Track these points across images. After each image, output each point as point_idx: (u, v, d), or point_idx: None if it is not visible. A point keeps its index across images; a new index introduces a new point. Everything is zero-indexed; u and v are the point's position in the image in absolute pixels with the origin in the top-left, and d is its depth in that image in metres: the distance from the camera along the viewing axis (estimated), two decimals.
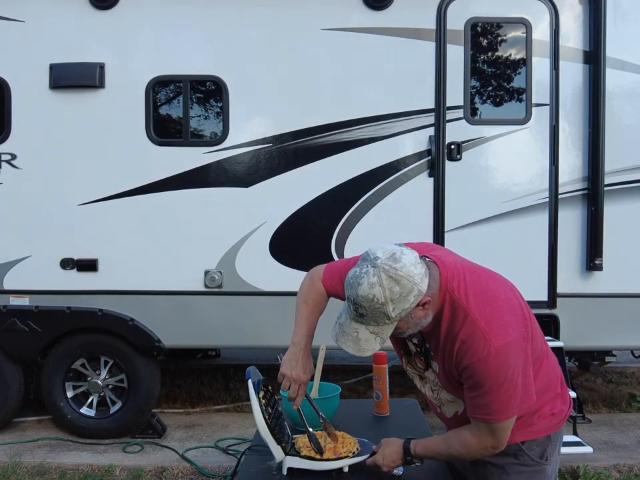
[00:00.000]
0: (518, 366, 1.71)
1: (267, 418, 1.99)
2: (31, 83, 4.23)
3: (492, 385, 1.70)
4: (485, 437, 1.79)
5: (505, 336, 1.69)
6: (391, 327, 1.70)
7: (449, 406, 1.97)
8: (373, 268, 1.64)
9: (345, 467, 1.98)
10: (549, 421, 1.91)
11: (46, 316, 4.26)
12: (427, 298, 1.70)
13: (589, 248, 4.14)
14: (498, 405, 1.72)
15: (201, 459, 4.06)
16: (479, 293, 1.76)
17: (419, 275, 1.66)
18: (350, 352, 1.73)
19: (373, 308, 1.64)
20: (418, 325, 1.75)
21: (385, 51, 4.17)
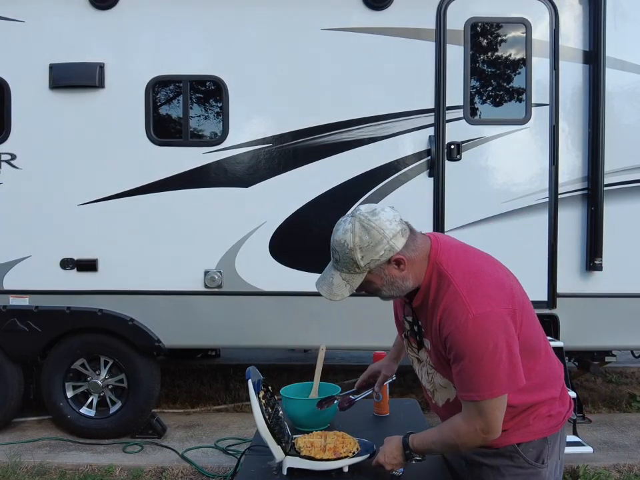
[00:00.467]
0: (499, 339, 1.68)
1: (266, 418, 1.99)
2: (30, 83, 4.23)
3: (471, 355, 1.68)
4: (474, 418, 1.74)
5: (484, 305, 1.69)
6: (360, 277, 1.77)
7: (442, 392, 1.95)
8: (351, 217, 1.77)
9: (345, 467, 1.98)
10: (546, 422, 1.88)
11: (46, 316, 4.26)
12: (401, 256, 1.75)
13: (589, 248, 4.14)
14: (481, 379, 1.69)
15: (200, 459, 4.06)
16: (466, 266, 1.80)
17: (391, 230, 1.74)
18: (323, 294, 1.82)
19: (344, 253, 1.74)
20: (393, 285, 1.79)
21: (385, 51, 4.17)
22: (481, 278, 1.77)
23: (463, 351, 1.69)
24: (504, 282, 1.80)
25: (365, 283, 1.80)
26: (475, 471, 1.95)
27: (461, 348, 1.69)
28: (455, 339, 1.70)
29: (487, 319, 1.68)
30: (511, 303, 1.75)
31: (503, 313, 1.71)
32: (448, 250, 1.83)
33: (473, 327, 1.67)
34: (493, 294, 1.73)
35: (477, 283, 1.74)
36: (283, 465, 2.00)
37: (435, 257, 1.80)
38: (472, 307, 1.69)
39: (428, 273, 1.80)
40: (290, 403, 2.44)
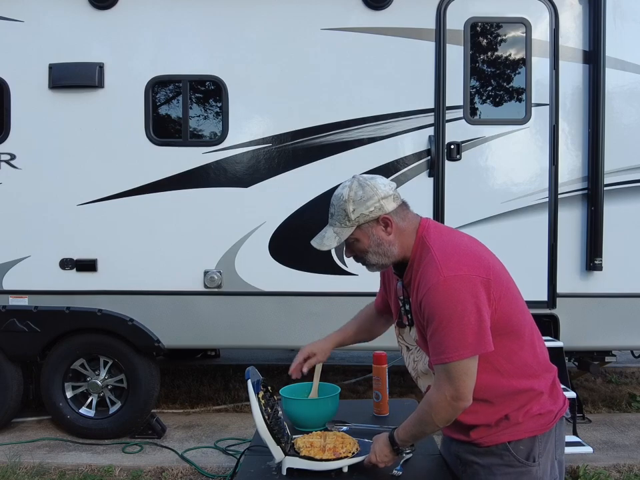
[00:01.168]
0: (468, 301, 1.72)
1: (266, 418, 1.98)
2: (30, 83, 4.23)
3: (441, 316, 1.73)
4: (443, 384, 1.76)
5: (456, 269, 1.76)
6: (349, 230, 1.87)
7: (424, 379, 1.99)
8: (353, 177, 1.92)
9: (345, 467, 1.97)
10: (535, 421, 1.88)
11: (45, 316, 4.26)
12: (389, 217, 1.86)
13: (589, 248, 4.14)
14: (449, 340, 1.73)
15: (200, 460, 4.06)
16: (447, 239, 1.89)
17: (384, 191, 1.87)
18: (314, 245, 1.92)
19: (338, 206, 1.87)
20: (380, 246, 1.87)
21: (385, 51, 4.17)
22: (458, 247, 1.86)
23: (434, 311, 1.75)
24: (482, 255, 1.87)
25: (354, 240, 1.89)
26: (467, 470, 1.97)
27: (432, 309, 1.75)
28: (427, 300, 1.77)
29: (457, 281, 1.74)
30: (485, 272, 1.79)
31: (475, 279, 1.76)
32: (435, 227, 1.93)
33: (443, 288, 1.74)
34: (467, 261, 1.80)
35: (453, 251, 1.82)
36: (282, 465, 1.99)
37: (422, 232, 1.90)
38: (444, 270, 1.76)
39: (415, 247, 1.89)
40: (290, 403, 2.43)
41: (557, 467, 1.95)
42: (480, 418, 1.86)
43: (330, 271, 4.19)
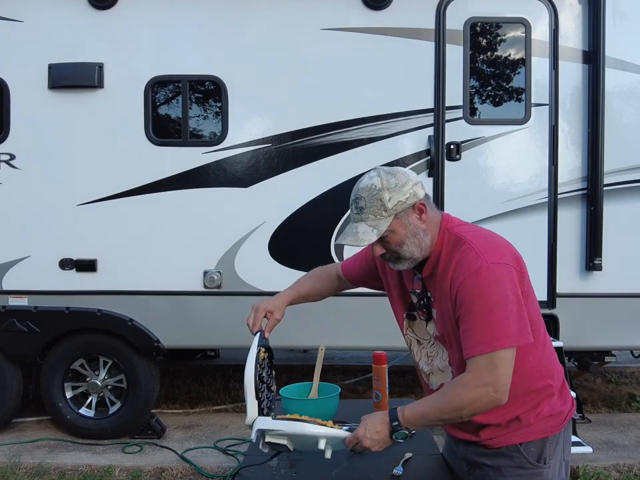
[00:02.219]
0: (510, 291, 1.69)
1: (257, 371, 1.90)
2: (29, 83, 4.22)
3: (483, 303, 1.68)
4: (483, 371, 1.66)
5: (498, 257, 1.74)
6: (387, 221, 1.77)
7: (438, 375, 1.93)
8: (374, 169, 1.85)
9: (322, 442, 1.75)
10: (546, 422, 1.85)
11: (45, 316, 4.26)
12: (423, 203, 1.81)
13: (588, 248, 4.14)
14: (493, 328, 1.66)
15: (200, 460, 4.06)
16: (477, 230, 1.88)
17: (413, 177, 1.83)
18: (348, 243, 1.80)
19: (371, 196, 1.77)
20: (416, 236, 1.80)
21: (384, 51, 4.17)
22: (491, 239, 1.83)
23: (475, 299, 1.69)
24: (513, 250, 1.85)
25: (389, 232, 1.78)
26: (476, 472, 1.93)
27: (473, 296, 1.69)
28: (467, 287, 1.70)
29: (500, 269, 1.71)
30: (519, 266, 1.78)
31: (514, 270, 1.74)
32: (459, 220, 1.90)
33: (486, 274, 1.69)
34: (504, 251, 1.79)
35: (490, 240, 1.81)
36: (254, 426, 1.83)
37: (446, 224, 1.85)
38: (486, 256, 1.72)
39: (439, 239, 1.84)
40: (289, 403, 2.43)
41: (564, 467, 1.94)
42: (491, 417, 1.81)
43: None
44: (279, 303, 2.19)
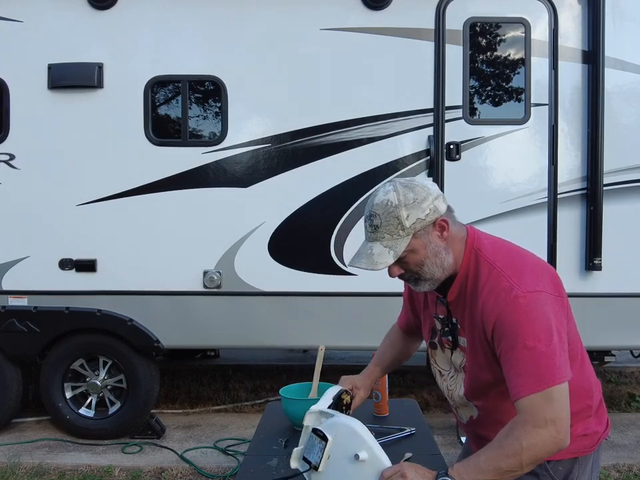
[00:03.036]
0: (552, 322, 1.54)
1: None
2: (29, 83, 4.22)
3: (527, 338, 1.51)
4: (539, 409, 1.48)
5: (534, 285, 1.57)
6: (405, 241, 1.61)
7: (463, 410, 1.83)
8: (389, 182, 1.67)
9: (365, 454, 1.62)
10: (579, 442, 1.70)
11: (44, 316, 4.26)
12: (445, 219, 1.64)
13: (588, 248, 4.14)
14: (543, 364, 1.50)
15: (200, 460, 4.06)
16: (508, 252, 1.70)
17: (434, 189, 1.64)
18: (362, 267, 1.63)
19: (387, 213, 1.60)
20: (437, 256, 1.65)
21: (384, 51, 4.17)
22: (524, 263, 1.66)
23: (516, 332, 1.52)
24: (548, 269, 1.70)
25: (408, 252, 1.63)
26: None
27: (514, 331, 1.53)
28: (505, 321, 1.54)
29: (538, 297, 1.55)
30: (558, 291, 1.63)
31: (551, 295, 1.59)
32: (486, 238, 1.73)
33: (524, 305, 1.53)
34: (541, 276, 1.62)
35: (522, 267, 1.63)
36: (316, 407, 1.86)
37: (473, 243, 1.69)
38: (521, 285, 1.56)
39: (465, 259, 1.68)
40: (290, 403, 2.43)
41: None
42: None
43: (329, 271, 4.19)
44: (365, 381, 2.12)
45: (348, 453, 1.65)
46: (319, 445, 1.72)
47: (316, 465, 1.70)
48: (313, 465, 1.71)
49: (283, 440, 2.28)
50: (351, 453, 1.63)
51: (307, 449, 1.78)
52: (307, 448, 1.78)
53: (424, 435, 2.33)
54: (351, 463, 1.64)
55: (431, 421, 2.61)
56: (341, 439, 1.69)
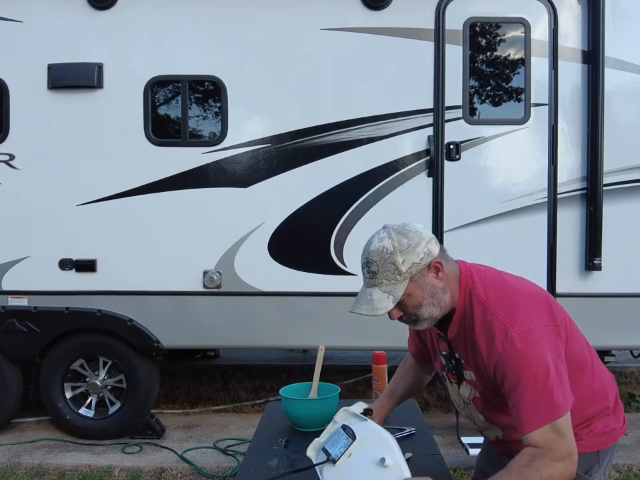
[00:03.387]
0: (549, 356, 1.62)
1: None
2: (29, 83, 4.22)
3: (526, 377, 1.60)
4: (553, 442, 1.59)
5: (527, 323, 1.65)
6: (402, 285, 1.69)
7: (488, 431, 1.91)
8: (383, 229, 1.75)
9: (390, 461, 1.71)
10: (599, 438, 1.83)
11: (44, 316, 4.26)
12: (439, 262, 1.72)
13: (588, 248, 4.14)
14: (544, 401, 1.60)
15: (200, 460, 4.06)
16: (499, 288, 1.76)
17: (426, 234, 1.72)
18: (364, 313, 1.71)
19: (383, 260, 1.68)
20: (434, 297, 1.72)
21: (384, 51, 4.17)
22: (515, 297, 1.73)
23: (516, 375, 1.62)
24: (540, 297, 1.76)
25: (406, 296, 1.71)
26: None
27: (514, 373, 1.63)
28: (504, 365, 1.64)
29: (533, 336, 1.64)
30: (552, 319, 1.71)
31: (545, 328, 1.67)
32: (478, 274, 1.79)
33: (520, 347, 1.62)
34: (532, 310, 1.69)
35: (514, 304, 1.70)
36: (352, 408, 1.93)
37: (466, 282, 1.76)
38: (514, 327, 1.64)
39: (461, 298, 1.75)
40: (289, 403, 2.44)
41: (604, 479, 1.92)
42: None
43: (329, 271, 4.20)
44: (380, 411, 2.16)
45: (372, 457, 1.71)
46: (345, 440, 1.76)
47: (335, 459, 1.74)
48: (332, 458, 1.75)
49: (283, 440, 2.29)
50: (376, 457, 1.69)
51: (329, 442, 1.82)
52: (329, 441, 1.82)
53: (424, 435, 2.33)
54: (372, 467, 1.70)
55: (430, 421, 2.61)
56: (368, 442, 1.74)
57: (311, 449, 1.85)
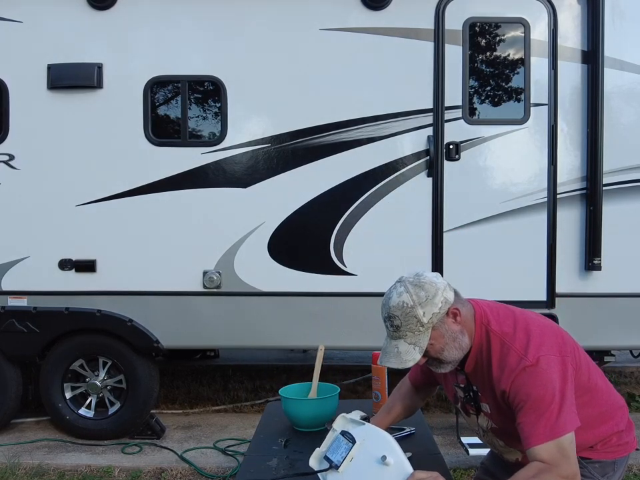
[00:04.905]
0: (557, 381, 1.73)
1: None
2: (29, 84, 4.22)
3: (532, 398, 1.72)
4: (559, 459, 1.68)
5: (538, 352, 1.77)
6: (426, 335, 1.79)
7: (509, 455, 1.99)
8: (399, 282, 1.84)
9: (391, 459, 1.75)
10: (615, 448, 1.94)
11: (44, 317, 4.26)
12: (456, 307, 1.82)
13: (588, 248, 4.14)
14: (546, 419, 1.70)
15: (199, 460, 4.06)
16: (512, 323, 1.86)
17: (441, 283, 1.82)
18: (393, 367, 1.82)
19: (405, 314, 1.77)
20: (455, 341, 1.82)
21: (383, 51, 4.17)
22: (529, 330, 1.83)
23: (525, 396, 1.73)
24: (550, 330, 1.87)
25: (429, 345, 1.81)
26: None
27: (523, 395, 1.73)
28: (515, 389, 1.75)
29: (541, 364, 1.75)
30: (561, 350, 1.81)
31: (555, 358, 1.78)
32: (491, 311, 1.90)
33: (530, 373, 1.73)
34: (544, 342, 1.80)
35: (527, 335, 1.81)
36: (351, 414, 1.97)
37: (481, 319, 1.87)
38: (528, 356, 1.76)
39: (477, 334, 1.86)
40: (289, 403, 2.44)
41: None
42: None
43: (329, 271, 4.19)
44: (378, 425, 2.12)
45: (373, 457, 1.75)
46: (345, 446, 1.81)
47: (337, 465, 1.79)
48: (334, 464, 1.79)
49: (282, 440, 2.29)
50: (377, 457, 1.73)
51: (330, 449, 1.85)
52: (330, 448, 1.86)
53: (424, 435, 2.34)
54: (375, 467, 1.74)
55: (430, 420, 2.62)
56: (368, 444, 1.79)
57: (313, 459, 1.88)
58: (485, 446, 2.19)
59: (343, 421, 1.92)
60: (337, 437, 1.86)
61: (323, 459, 1.85)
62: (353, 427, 1.88)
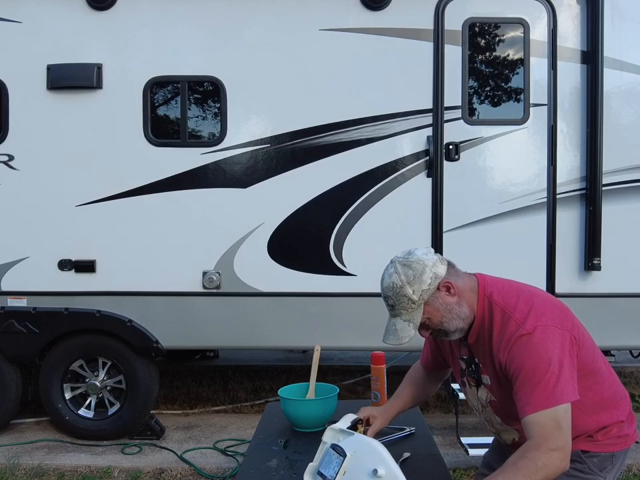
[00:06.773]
0: (554, 352, 1.73)
1: None
2: (28, 84, 4.22)
3: (529, 367, 1.72)
4: (549, 432, 1.67)
5: (536, 321, 1.77)
6: (418, 312, 1.84)
7: (505, 434, 1.99)
8: (390, 263, 1.90)
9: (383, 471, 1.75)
10: (614, 440, 1.93)
11: (44, 317, 4.26)
12: (447, 281, 1.85)
13: (587, 248, 4.14)
14: (548, 388, 1.70)
15: (199, 460, 4.06)
16: (515, 294, 1.88)
17: (429, 260, 1.85)
18: (392, 344, 1.87)
19: (396, 294, 1.83)
20: (451, 312, 1.85)
21: (383, 51, 4.17)
22: (531, 301, 1.85)
23: (521, 364, 1.74)
24: (552, 302, 1.89)
25: (426, 319, 1.86)
26: None
27: (519, 363, 1.74)
28: (512, 358, 1.76)
29: (539, 332, 1.76)
30: (562, 321, 1.82)
31: (555, 329, 1.78)
32: (496, 284, 1.92)
33: (526, 341, 1.75)
34: (544, 312, 1.82)
35: (529, 305, 1.83)
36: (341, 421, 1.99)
37: (484, 292, 1.89)
38: (526, 325, 1.77)
39: (480, 306, 1.88)
40: (288, 404, 2.44)
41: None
42: None
43: (329, 272, 4.20)
44: (385, 412, 2.21)
45: (365, 469, 1.74)
46: (337, 460, 1.81)
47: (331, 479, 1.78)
48: (328, 479, 1.79)
49: (282, 440, 2.29)
50: (369, 469, 1.73)
51: (322, 464, 1.85)
52: (322, 463, 1.85)
53: (423, 435, 2.33)
54: (368, 478, 1.73)
55: (430, 421, 2.61)
56: (359, 455, 1.78)
57: (307, 475, 1.89)
58: (484, 446, 2.19)
59: (332, 433, 1.93)
60: (328, 450, 1.87)
61: (317, 474, 1.85)
62: (343, 437, 1.89)
